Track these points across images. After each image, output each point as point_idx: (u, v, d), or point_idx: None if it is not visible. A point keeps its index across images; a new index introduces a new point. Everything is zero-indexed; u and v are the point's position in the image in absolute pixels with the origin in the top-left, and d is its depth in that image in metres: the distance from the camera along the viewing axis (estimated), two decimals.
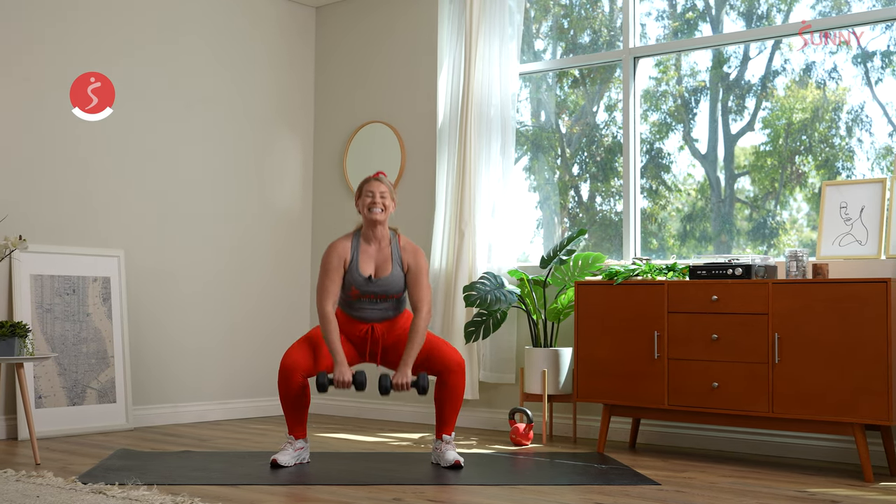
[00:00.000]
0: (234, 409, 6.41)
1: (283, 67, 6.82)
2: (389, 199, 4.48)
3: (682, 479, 4.29)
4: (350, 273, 4.45)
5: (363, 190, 4.49)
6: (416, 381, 4.37)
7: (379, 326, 4.52)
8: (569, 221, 6.21)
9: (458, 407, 4.49)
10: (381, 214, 4.45)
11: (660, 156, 5.86)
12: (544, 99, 6.35)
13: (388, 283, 4.46)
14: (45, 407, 5.34)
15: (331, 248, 4.49)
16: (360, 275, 4.45)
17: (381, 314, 4.51)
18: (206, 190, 6.31)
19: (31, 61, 5.50)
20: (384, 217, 4.47)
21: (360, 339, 4.53)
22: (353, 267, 4.45)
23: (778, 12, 5.51)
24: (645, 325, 4.91)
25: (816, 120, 5.36)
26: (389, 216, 4.52)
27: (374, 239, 4.50)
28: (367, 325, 4.51)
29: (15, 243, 4.69)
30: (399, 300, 4.54)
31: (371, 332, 4.51)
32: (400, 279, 4.49)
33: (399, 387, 4.35)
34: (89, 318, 5.60)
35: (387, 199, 4.47)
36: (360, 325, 4.51)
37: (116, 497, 3.64)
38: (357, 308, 4.50)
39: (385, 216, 4.47)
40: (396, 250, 4.52)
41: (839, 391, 4.37)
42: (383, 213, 4.46)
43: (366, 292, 4.45)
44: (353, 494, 3.83)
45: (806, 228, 5.37)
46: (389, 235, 4.53)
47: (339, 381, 4.30)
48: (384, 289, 4.46)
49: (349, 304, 4.51)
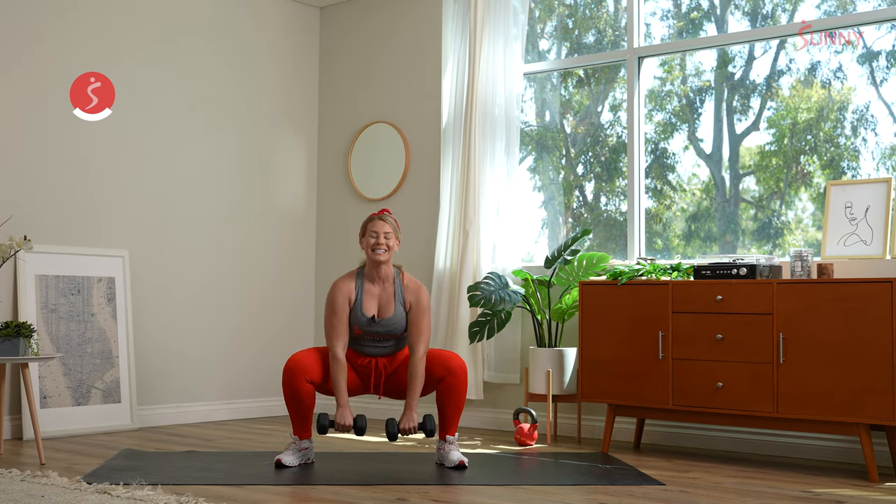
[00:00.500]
0: (238, 409, 6.41)
1: (288, 67, 6.82)
2: (394, 239, 4.47)
3: (686, 479, 4.28)
4: (354, 313, 4.47)
5: (367, 229, 4.48)
6: (423, 424, 4.38)
7: (382, 360, 4.55)
8: (573, 221, 6.20)
9: (460, 408, 4.49)
10: (384, 255, 4.45)
11: (665, 156, 5.85)
12: (549, 99, 6.34)
13: (391, 323, 4.48)
14: (50, 407, 5.35)
15: (335, 288, 4.49)
16: (363, 315, 4.46)
17: (382, 351, 4.54)
18: (210, 190, 6.32)
19: (34, 62, 5.50)
20: (387, 258, 4.47)
21: (363, 370, 4.56)
22: (357, 307, 4.47)
23: (783, 12, 5.50)
24: (649, 325, 4.91)
25: (821, 120, 5.35)
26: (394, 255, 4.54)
27: (377, 278, 4.51)
28: (370, 358, 4.54)
29: (20, 244, 4.70)
30: (401, 339, 4.56)
31: (374, 365, 4.54)
32: (402, 319, 4.50)
33: (406, 431, 4.37)
34: (94, 319, 5.61)
35: (391, 240, 4.46)
36: (363, 359, 4.55)
37: (121, 497, 3.65)
38: (360, 345, 4.53)
39: (388, 256, 4.47)
40: (399, 289, 4.52)
41: (844, 391, 4.36)
42: (387, 253, 4.45)
43: (368, 332, 4.48)
44: (357, 494, 3.83)
45: (811, 228, 5.36)
46: (393, 274, 4.54)
47: (340, 423, 4.32)
48: (387, 329, 4.48)
49: (352, 339, 4.53)
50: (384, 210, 4.56)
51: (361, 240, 4.51)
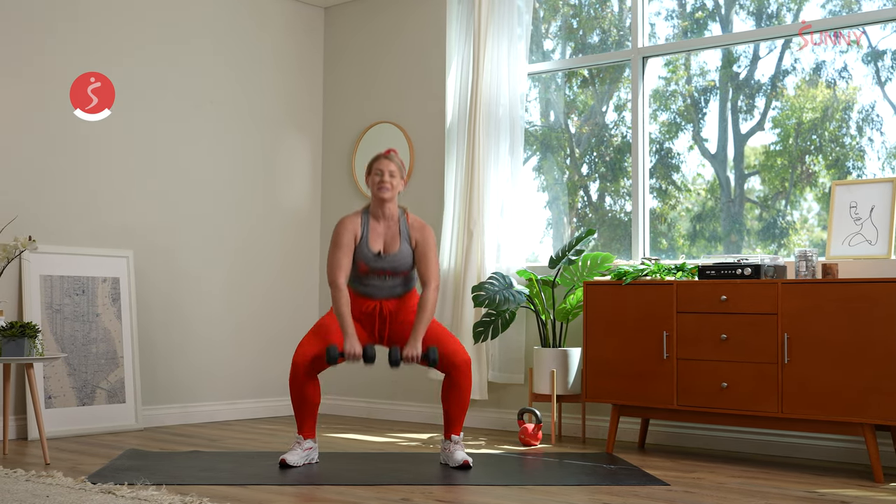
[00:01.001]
0: (243, 409, 6.41)
1: (292, 68, 6.82)
2: (399, 179, 4.52)
3: (690, 479, 4.28)
4: (359, 249, 4.49)
5: (373, 168, 4.53)
6: (426, 355, 4.36)
7: (387, 304, 4.54)
8: (578, 221, 6.20)
9: (465, 407, 4.48)
10: (389, 193, 4.49)
11: (669, 156, 5.84)
12: (553, 99, 6.34)
13: (397, 259, 4.49)
14: (55, 407, 5.36)
15: (342, 224, 4.53)
16: (369, 250, 4.48)
17: (389, 291, 4.53)
18: (214, 190, 6.32)
19: (38, 62, 5.51)
20: (392, 196, 4.51)
21: (368, 317, 4.54)
22: (363, 243, 4.49)
23: (788, 11, 5.49)
24: (654, 325, 4.90)
25: (826, 119, 5.34)
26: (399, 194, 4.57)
27: (382, 217, 4.54)
28: (375, 301, 4.52)
29: (24, 244, 4.71)
30: (407, 277, 4.56)
31: (379, 310, 4.53)
32: (408, 255, 4.52)
33: (409, 359, 4.35)
34: (99, 319, 5.62)
35: (395, 179, 4.50)
36: (369, 302, 4.53)
37: (125, 497, 3.65)
38: (365, 284, 4.51)
39: (393, 195, 4.51)
40: (405, 227, 4.55)
41: (849, 391, 4.35)
42: (391, 192, 4.50)
43: (375, 268, 4.48)
44: (361, 494, 3.83)
45: (816, 228, 5.35)
46: (398, 213, 4.57)
47: (349, 353, 4.32)
48: (393, 265, 4.48)
49: (358, 279, 4.53)
50: (390, 150, 4.59)
51: (367, 178, 4.56)
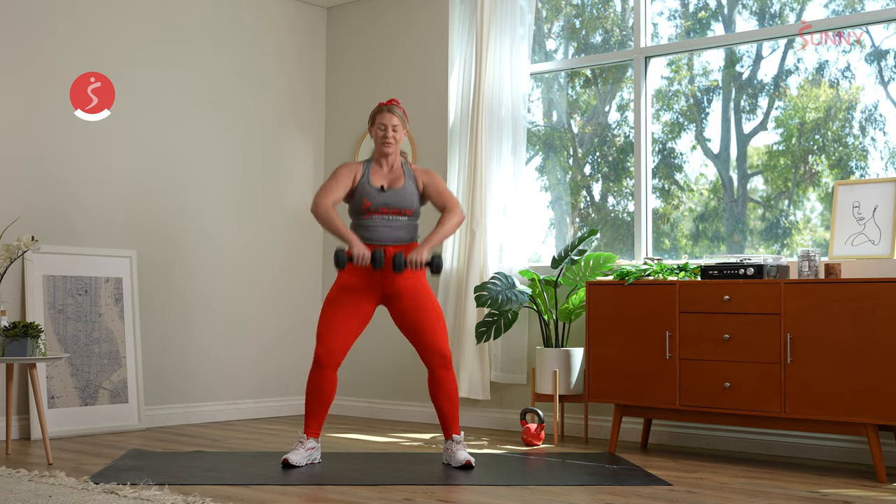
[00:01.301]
0: (245, 409, 6.42)
1: (294, 68, 6.83)
2: (401, 132, 4.56)
3: (693, 479, 4.27)
4: (361, 186, 4.50)
5: (376, 120, 4.57)
6: (431, 261, 4.38)
7: (391, 249, 4.50)
8: (581, 221, 6.20)
9: (455, 404, 4.48)
10: (392, 148, 4.54)
11: (672, 155, 5.84)
12: (556, 99, 6.34)
13: (401, 194, 4.50)
14: (58, 407, 5.36)
15: (342, 164, 4.60)
16: (371, 186, 4.50)
17: (394, 234, 4.50)
18: (216, 191, 6.33)
19: (40, 63, 5.51)
20: (395, 150, 4.57)
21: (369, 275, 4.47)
22: (365, 181, 4.52)
23: (791, 11, 5.49)
24: (656, 325, 4.90)
25: (829, 119, 5.33)
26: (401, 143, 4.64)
27: (385, 164, 4.59)
28: (379, 247, 4.47)
29: (27, 244, 4.71)
30: (412, 219, 4.55)
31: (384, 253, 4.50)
32: (413, 194, 4.54)
33: (413, 263, 4.37)
34: (101, 319, 5.62)
35: (398, 132, 4.55)
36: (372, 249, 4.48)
37: (128, 497, 3.65)
38: (368, 227, 4.50)
39: (397, 148, 4.57)
40: (408, 169, 4.61)
41: (851, 391, 4.35)
42: (395, 146, 4.55)
43: (379, 205, 4.48)
44: (363, 494, 3.83)
45: (820, 228, 5.35)
46: (401, 161, 4.63)
47: (358, 255, 4.35)
48: (397, 201, 4.49)
49: (360, 223, 4.52)
50: (392, 100, 4.61)
51: (370, 129, 4.60)
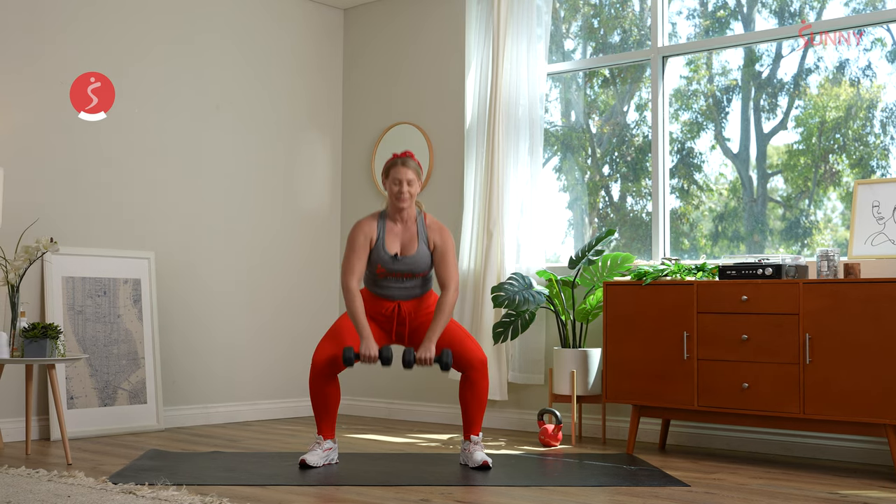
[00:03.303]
0: (264, 409, 6.43)
1: (312, 69, 6.84)
2: (416, 185, 4.50)
3: (711, 480, 4.25)
4: (376, 251, 4.48)
5: (390, 175, 4.50)
6: (440, 358, 4.35)
7: (405, 304, 4.52)
8: (599, 222, 6.17)
9: (483, 406, 4.47)
10: (406, 203, 4.48)
11: (691, 155, 5.81)
12: (574, 99, 6.32)
13: (414, 261, 4.48)
14: (77, 408, 5.39)
15: (357, 227, 4.53)
16: (386, 253, 4.47)
17: (407, 292, 4.51)
18: (235, 191, 6.34)
19: (59, 64, 5.54)
20: (410, 204, 4.50)
21: (386, 318, 4.53)
22: (380, 245, 4.48)
23: (811, 10, 5.45)
24: (674, 325, 4.88)
25: (850, 118, 5.29)
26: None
27: (400, 219, 4.54)
28: (392, 303, 4.51)
29: (46, 245, 4.74)
30: (425, 279, 4.55)
31: (398, 311, 4.51)
32: (426, 257, 4.50)
33: (423, 361, 4.35)
34: (120, 320, 5.65)
35: (413, 186, 4.48)
36: (387, 304, 4.51)
37: (146, 497, 3.67)
38: (383, 286, 4.51)
39: (411, 203, 4.51)
40: (423, 228, 4.54)
41: (871, 392, 4.31)
42: (409, 200, 4.49)
43: (392, 270, 4.47)
44: (380, 495, 3.82)
45: (841, 228, 5.31)
46: (416, 213, 4.56)
47: (365, 355, 4.31)
48: (410, 267, 4.47)
49: (375, 282, 4.53)
50: (406, 152, 4.55)
51: (384, 181, 4.54)
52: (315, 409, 4.47)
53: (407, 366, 4.32)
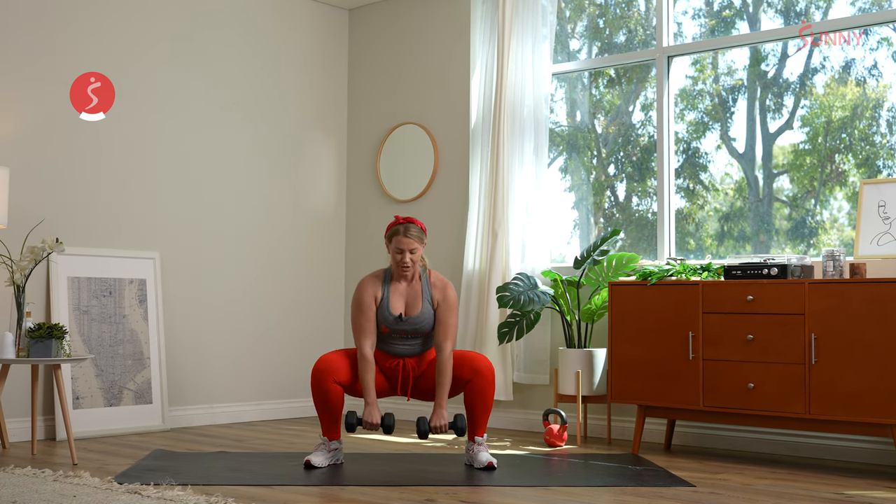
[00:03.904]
0: (269, 410, 6.43)
1: (317, 69, 6.84)
2: (419, 252, 4.50)
3: (717, 480, 4.24)
4: (381, 311, 4.48)
5: (392, 242, 4.49)
6: (454, 423, 4.39)
7: (409, 360, 4.55)
8: (605, 222, 6.17)
9: (488, 409, 4.48)
10: (410, 272, 4.49)
11: (697, 155, 5.80)
12: (579, 99, 6.31)
13: (419, 321, 4.49)
14: (83, 408, 5.40)
15: (362, 287, 4.52)
16: (390, 314, 4.47)
17: (410, 349, 4.54)
18: (240, 192, 6.35)
19: (63, 66, 5.55)
20: (413, 272, 4.52)
21: (392, 371, 4.57)
22: (384, 305, 4.49)
23: (816, 10, 5.44)
24: (679, 325, 4.87)
25: (856, 118, 5.28)
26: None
27: (404, 279, 4.54)
28: (398, 359, 4.54)
29: (52, 246, 4.74)
30: (429, 337, 4.57)
31: (402, 366, 4.55)
32: (430, 317, 4.51)
33: (437, 430, 4.39)
34: (125, 320, 5.65)
35: (416, 254, 4.48)
36: (392, 359, 4.55)
37: (151, 497, 3.67)
38: (388, 343, 4.54)
39: (415, 271, 4.52)
40: (427, 287, 4.54)
41: (877, 392, 4.30)
42: (412, 268, 4.49)
43: (396, 330, 4.49)
44: (385, 495, 3.83)
45: (847, 228, 5.29)
46: (420, 272, 4.56)
47: (368, 422, 4.35)
48: (414, 327, 4.49)
49: (380, 338, 4.54)
50: (409, 219, 4.52)
51: (388, 245, 4.53)
52: (318, 411, 4.47)
53: (422, 436, 4.37)
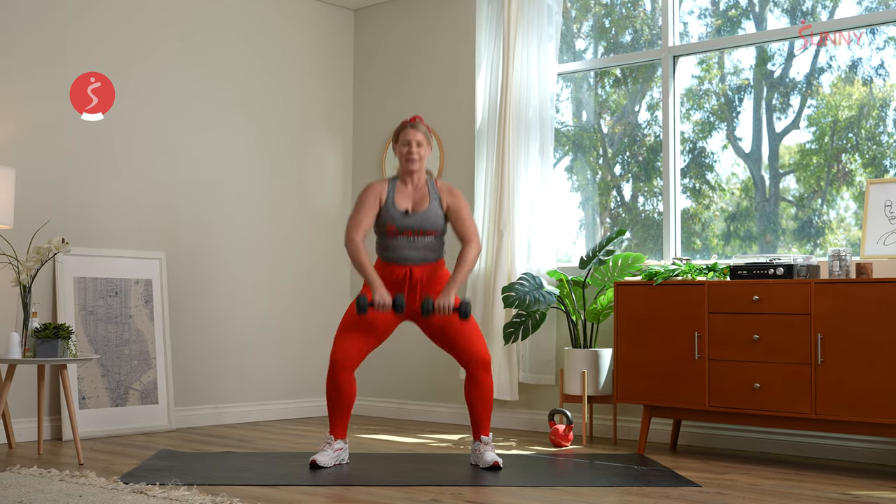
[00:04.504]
0: (275, 410, 6.44)
1: (322, 70, 6.84)
2: (426, 147, 4.53)
3: (723, 480, 4.23)
4: (386, 209, 4.47)
5: (400, 137, 4.54)
6: (459, 307, 4.36)
7: (417, 270, 4.48)
8: (611, 222, 6.16)
9: (489, 406, 4.47)
10: (416, 164, 4.50)
11: (703, 155, 5.79)
12: (585, 99, 6.31)
13: (426, 217, 4.46)
14: (89, 408, 5.41)
15: (367, 187, 4.54)
16: (396, 209, 4.46)
17: (419, 255, 4.48)
18: (245, 192, 6.35)
19: (68, 66, 5.56)
20: (420, 167, 4.52)
21: (397, 285, 4.48)
22: (390, 203, 4.48)
23: (823, 9, 5.43)
24: (685, 325, 4.86)
25: (863, 117, 5.27)
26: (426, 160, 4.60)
27: (410, 181, 4.55)
28: (404, 268, 4.47)
29: (58, 246, 4.75)
30: (438, 239, 4.52)
31: (409, 276, 4.48)
32: (438, 215, 4.49)
33: (441, 310, 4.34)
34: (131, 320, 5.66)
35: (423, 148, 4.51)
36: (398, 269, 4.47)
37: (157, 497, 3.67)
38: (394, 248, 4.48)
39: (421, 165, 4.52)
40: (434, 189, 4.55)
41: (884, 392, 4.29)
42: (419, 162, 4.50)
43: (403, 228, 4.45)
44: (391, 495, 3.83)
45: (854, 227, 5.28)
46: (426, 178, 4.58)
47: (379, 302, 4.32)
48: (422, 223, 4.46)
49: (386, 245, 4.50)
50: (416, 117, 4.58)
51: (394, 146, 4.56)
52: (330, 406, 4.46)
53: (426, 314, 4.32)
